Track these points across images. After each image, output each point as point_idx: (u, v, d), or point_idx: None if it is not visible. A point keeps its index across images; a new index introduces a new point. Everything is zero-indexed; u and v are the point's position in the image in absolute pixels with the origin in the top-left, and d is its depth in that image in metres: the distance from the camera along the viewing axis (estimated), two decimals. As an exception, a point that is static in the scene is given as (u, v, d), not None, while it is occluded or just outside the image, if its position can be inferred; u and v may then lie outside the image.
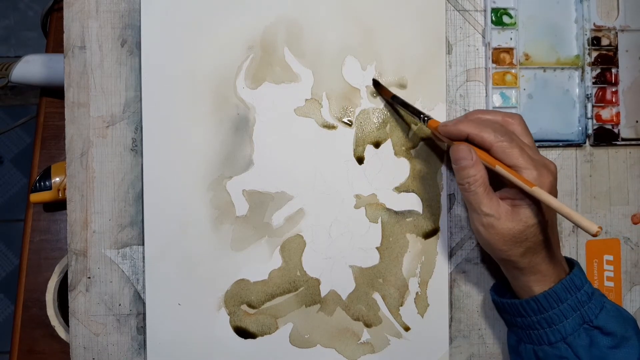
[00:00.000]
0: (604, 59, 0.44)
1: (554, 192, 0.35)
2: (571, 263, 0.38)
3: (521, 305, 0.36)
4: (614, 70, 0.44)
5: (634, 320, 0.36)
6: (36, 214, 0.53)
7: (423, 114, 0.38)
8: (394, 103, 0.41)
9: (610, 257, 0.44)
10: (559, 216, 0.43)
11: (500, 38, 0.43)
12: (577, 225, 0.30)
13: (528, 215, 0.34)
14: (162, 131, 0.41)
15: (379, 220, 0.42)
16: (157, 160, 0.40)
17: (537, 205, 0.34)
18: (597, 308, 0.35)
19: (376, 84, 0.42)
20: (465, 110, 0.43)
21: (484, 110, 0.39)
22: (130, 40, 0.41)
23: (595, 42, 0.44)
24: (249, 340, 0.41)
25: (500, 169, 0.34)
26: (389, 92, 0.41)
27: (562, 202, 0.31)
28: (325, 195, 0.41)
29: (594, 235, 0.30)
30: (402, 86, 0.42)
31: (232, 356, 0.41)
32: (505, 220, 0.34)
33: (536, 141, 0.43)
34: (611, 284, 0.44)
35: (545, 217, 0.34)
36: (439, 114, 0.42)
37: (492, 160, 0.34)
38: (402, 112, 0.42)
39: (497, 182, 0.35)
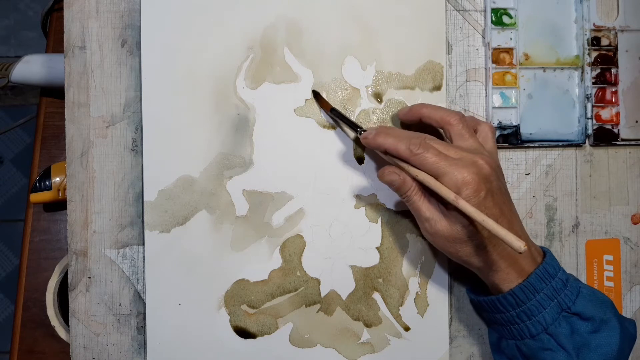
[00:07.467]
0: (604, 59, 0.44)
1: (487, 182, 0.34)
2: (542, 251, 0.37)
3: (499, 301, 0.36)
4: (613, 71, 0.44)
5: (611, 302, 0.36)
6: (36, 214, 0.53)
7: (360, 127, 0.38)
8: (332, 116, 0.41)
9: (610, 257, 0.44)
10: (559, 214, 0.44)
11: (500, 38, 0.43)
12: (502, 240, 0.31)
13: (458, 215, 0.34)
14: (162, 131, 0.41)
15: (379, 220, 0.42)
16: (157, 160, 0.40)
17: None
18: (573, 294, 0.35)
19: (316, 95, 0.41)
20: (465, 110, 0.43)
21: (426, 104, 0.39)
22: (130, 41, 0.41)
23: (595, 42, 0.44)
24: (249, 340, 0.41)
25: (422, 179, 0.34)
26: (328, 104, 0.41)
27: (481, 213, 0.32)
28: (325, 195, 0.41)
29: (520, 253, 0.30)
30: (409, 87, 0.42)
31: (232, 356, 0.41)
32: (443, 221, 0.35)
33: (536, 141, 0.43)
34: (611, 284, 0.44)
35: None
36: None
37: (414, 171, 0.35)
38: (342, 124, 0.41)
39: None
